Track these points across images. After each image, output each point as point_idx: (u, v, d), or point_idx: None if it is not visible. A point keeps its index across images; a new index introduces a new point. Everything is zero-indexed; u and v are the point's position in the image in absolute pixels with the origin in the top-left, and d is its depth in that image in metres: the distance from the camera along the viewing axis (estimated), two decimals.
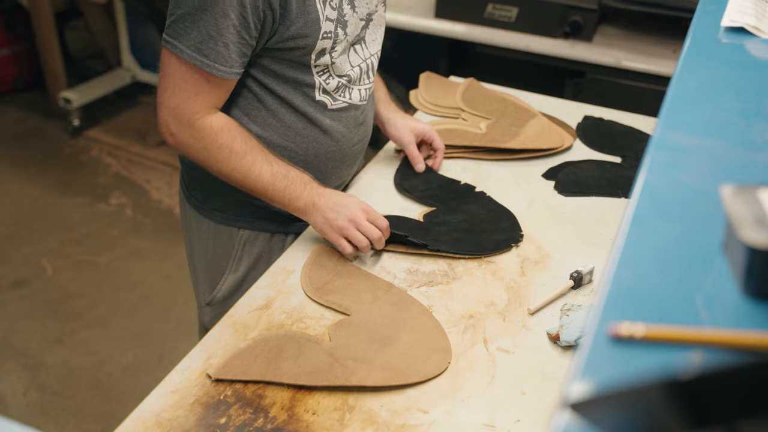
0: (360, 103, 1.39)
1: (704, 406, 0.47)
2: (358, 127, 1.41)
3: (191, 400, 1.06)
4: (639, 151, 1.63)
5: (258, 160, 1.26)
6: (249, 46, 1.20)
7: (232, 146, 1.24)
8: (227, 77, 1.21)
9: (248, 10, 1.15)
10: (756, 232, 0.56)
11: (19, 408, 2.20)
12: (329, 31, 1.24)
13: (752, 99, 0.88)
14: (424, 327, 1.19)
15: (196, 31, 1.16)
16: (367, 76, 1.39)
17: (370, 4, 1.33)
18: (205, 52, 1.17)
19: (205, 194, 1.41)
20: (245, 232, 1.41)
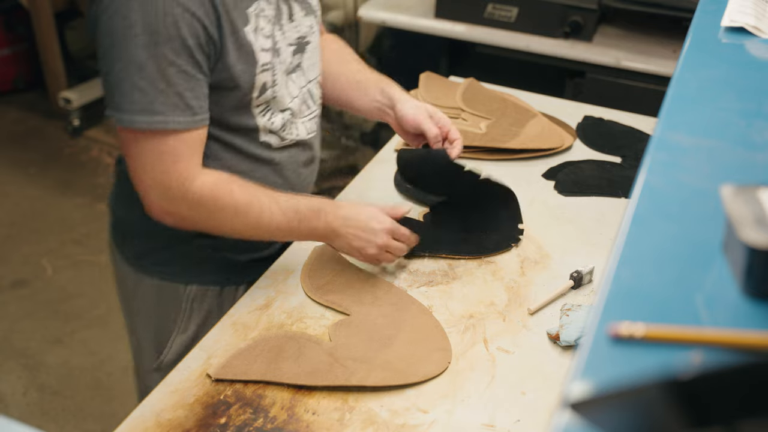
0: (308, 137, 1.29)
1: (704, 406, 0.47)
2: (306, 164, 1.31)
3: (191, 400, 1.06)
4: (639, 151, 1.63)
5: (264, 205, 1.15)
6: (206, 83, 1.09)
7: (235, 202, 1.13)
8: (194, 126, 1.09)
9: (194, 50, 1.05)
10: (756, 232, 0.56)
11: (19, 408, 2.20)
12: (267, 63, 1.15)
13: (752, 99, 0.88)
14: (424, 327, 1.19)
15: (138, 91, 1.03)
16: (307, 106, 1.28)
17: (300, 26, 1.22)
18: (159, 110, 1.04)
19: (143, 249, 1.28)
20: (193, 288, 1.28)
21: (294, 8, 1.20)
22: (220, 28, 1.07)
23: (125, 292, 1.35)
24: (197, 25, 1.04)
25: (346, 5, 2.92)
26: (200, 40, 1.05)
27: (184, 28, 1.03)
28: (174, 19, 1.02)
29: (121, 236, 1.31)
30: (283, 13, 1.18)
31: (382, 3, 2.51)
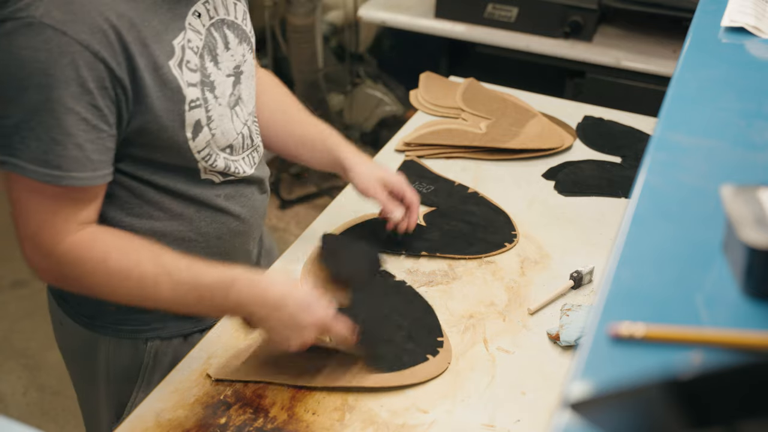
0: (252, 172, 1.17)
1: (704, 406, 0.47)
2: (254, 200, 1.20)
3: (191, 400, 1.06)
4: (639, 151, 1.63)
5: (147, 275, 0.98)
6: (111, 136, 0.96)
7: (107, 266, 0.98)
8: (92, 184, 0.96)
9: (96, 95, 0.92)
10: (756, 232, 0.56)
11: (19, 408, 2.20)
12: (197, 99, 1.02)
13: (752, 99, 0.88)
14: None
15: (35, 139, 0.91)
16: (249, 141, 1.16)
17: (235, 54, 1.10)
18: (55, 162, 0.92)
19: (95, 309, 1.15)
20: (155, 343, 1.17)
21: (228, 36, 1.09)
22: (133, 68, 0.95)
23: (77, 357, 1.24)
24: (101, 67, 0.92)
25: (346, 5, 2.92)
26: (104, 83, 0.93)
27: (83, 70, 0.90)
28: (72, 59, 0.90)
29: (65, 297, 1.19)
30: (217, 42, 1.07)
31: (382, 3, 2.51)
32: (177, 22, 1.01)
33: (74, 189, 0.95)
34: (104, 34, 0.92)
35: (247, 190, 1.18)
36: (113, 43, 0.92)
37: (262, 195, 1.22)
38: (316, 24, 2.86)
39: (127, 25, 0.94)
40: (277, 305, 1.00)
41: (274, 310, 1.00)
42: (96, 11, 0.91)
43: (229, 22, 1.10)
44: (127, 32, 0.94)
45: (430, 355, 1.12)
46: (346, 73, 2.99)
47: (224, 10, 1.09)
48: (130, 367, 1.18)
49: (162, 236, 1.08)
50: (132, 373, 1.18)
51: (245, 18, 1.15)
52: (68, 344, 1.26)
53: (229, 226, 1.15)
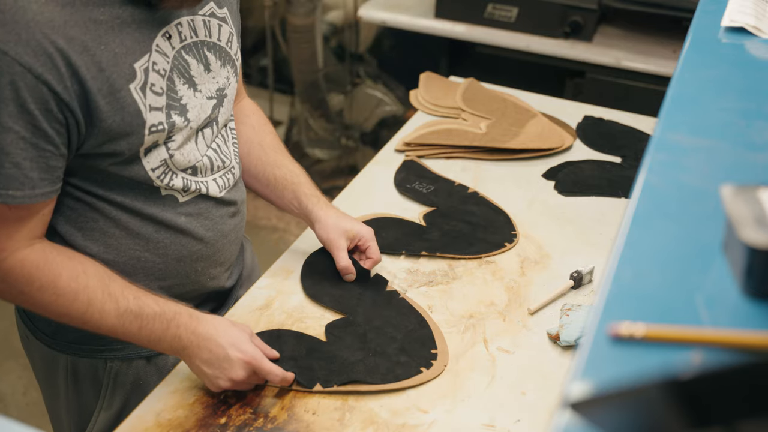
0: (221, 194, 1.13)
1: (704, 406, 0.47)
2: (223, 222, 1.15)
3: (191, 400, 1.06)
4: (639, 151, 1.63)
5: (95, 299, 0.98)
6: (57, 156, 0.94)
7: (56, 285, 0.97)
8: (31, 202, 0.94)
9: (38, 117, 0.90)
10: (756, 232, 0.56)
11: (19, 408, 2.20)
12: (159, 123, 1.00)
13: (752, 99, 0.88)
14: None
15: None
16: (220, 162, 1.13)
17: (218, 77, 1.09)
18: None
19: (56, 326, 1.13)
20: (115, 363, 1.15)
21: (209, 59, 1.07)
22: (85, 92, 0.93)
23: (40, 372, 1.24)
24: (44, 90, 0.90)
25: (346, 5, 2.92)
26: (48, 105, 0.90)
27: (24, 91, 0.89)
28: (11, 79, 0.88)
29: (29, 314, 1.19)
30: (190, 65, 1.04)
31: (382, 3, 2.51)
32: (142, 45, 0.98)
33: (14, 208, 0.94)
34: (49, 57, 0.89)
35: (215, 212, 1.13)
36: (59, 67, 0.90)
37: (233, 218, 1.17)
38: (316, 24, 2.86)
39: (78, 49, 0.91)
40: (206, 337, 1.01)
41: (204, 341, 1.01)
42: (41, 34, 0.89)
43: (210, 44, 1.07)
44: (77, 56, 0.91)
45: (423, 368, 1.11)
46: (346, 73, 2.99)
47: (205, 32, 1.07)
48: (90, 387, 1.17)
49: (118, 254, 1.07)
50: (92, 394, 1.17)
51: (230, 40, 1.12)
52: (33, 359, 1.25)
53: (190, 249, 1.11)
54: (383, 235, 1.35)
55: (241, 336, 1.03)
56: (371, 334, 1.16)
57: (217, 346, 1.01)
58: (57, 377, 1.18)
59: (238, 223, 1.19)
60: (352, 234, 1.25)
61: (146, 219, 1.07)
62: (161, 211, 1.07)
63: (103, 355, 1.14)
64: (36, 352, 1.20)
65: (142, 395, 1.10)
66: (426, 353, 1.14)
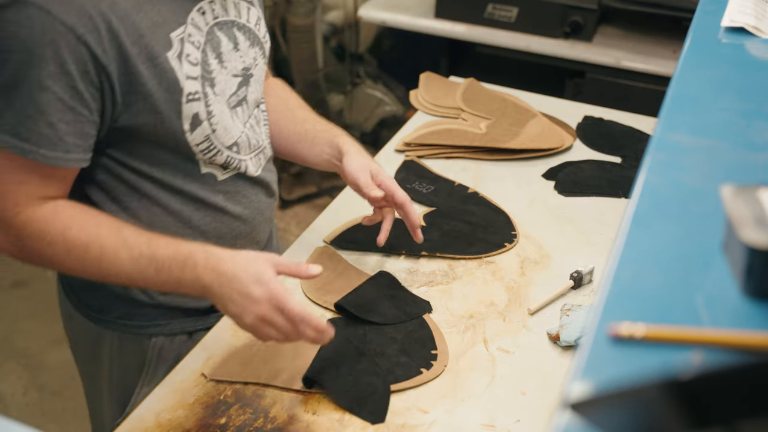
0: (256, 173, 1.17)
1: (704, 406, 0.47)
2: (259, 201, 1.19)
3: (191, 400, 1.06)
4: (639, 151, 1.63)
5: (107, 247, 0.98)
6: (91, 122, 0.97)
7: (65, 237, 0.97)
8: (60, 165, 0.96)
9: (76, 78, 0.92)
10: (756, 232, 0.56)
11: (19, 408, 2.20)
12: (195, 92, 1.02)
13: (752, 99, 0.88)
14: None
15: (10, 110, 0.92)
16: (255, 141, 1.17)
17: (245, 57, 1.11)
18: (24, 135, 0.93)
19: (101, 303, 1.17)
20: (159, 339, 1.18)
21: (238, 38, 1.10)
22: (125, 57, 0.95)
23: (84, 351, 1.25)
24: (83, 51, 0.91)
25: (346, 5, 2.92)
26: (86, 67, 0.92)
27: (64, 51, 0.90)
28: (53, 38, 0.90)
29: (75, 291, 1.21)
30: (221, 42, 1.07)
31: (382, 3, 2.52)
32: (178, 16, 1.01)
33: (41, 167, 0.96)
34: (91, 19, 0.91)
35: (251, 190, 1.17)
36: (100, 30, 0.92)
37: (268, 198, 1.22)
38: (316, 24, 2.86)
39: (120, 15, 0.94)
40: (227, 274, 0.96)
41: (225, 279, 0.96)
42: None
43: (239, 24, 1.11)
44: (119, 21, 0.94)
45: (423, 369, 1.11)
46: (346, 73, 2.99)
47: (235, 12, 1.10)
48: (134, 363, 1.19)
49: None
50: (136, 369, 1.19)
51: (258, 23, 1.15)
52: (75, 337, 1.26)
53: (229, 226, 1.15)
54: None
55: (265, 271, 0.97)
56: (371, 334, 1.16)
57: (239, 283, 0.96)
58: (101, 354, 1.20)
59: (271, 203, 1.24)
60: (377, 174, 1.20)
61: (186, 198, 1.10)
62: (200, 189, 1.10)
63: (148, 331, 1.17)
64: (80, 329, 1.22)
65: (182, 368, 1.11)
66: (426, 354, 1.14)
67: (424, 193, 1.50)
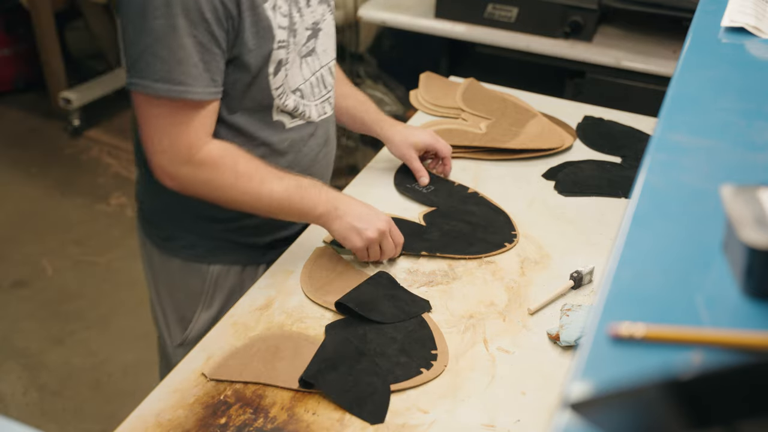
0: (319, 119, 1.33)
1: (704, 406, 0.47)
2: (320, 146, 1.36)
3: (191, 400, 1.06)
4: (639, 151, 1.63)
5: (266, 177, 1.19)
6: (222, 60, 1.14)
7: (236, 169, 1.17)
8: (209, 98, 1.14)
9: (212, 23, 1.09)
10: (756, 232, 0.56)
11: (19, 408, 2.20)
12: (283, 40, 1.18)
13: (752, 99, 0.88)
14: None
15: (159, 60, 1.08)
16: (320, 89, 1.32)
17: (315, 12, 1.26)
18: (178, 79, 1.09)
19: (170, 232, 1.34)
20: (216, 268, 1.34)
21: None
22: (239, 4, 1.11)
23: (152, 272, 1.41)
24: (216, 1, 1.09)
25: (346, 5, 2.92)
26: (218, 14, 1.09)
27: (201, 1, 1.07)
28: None
29: (148, 221, 1.38)
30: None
31: (382, 3, 2.51)
32: None
33: (197, 103, 1.13)
34: None
35: (312, 140, 1.33)
36: None
37: (325, 147, 1.37)
38: None
39: None
40: (352, 201, 1.27)
41: (353, 202, 1.26)
42: None
43: None
44: None
45: (423, 369, 1.11)
46: (346, 73, 2.99)
47: None
48: (195, 289, 1.35)
49: None
50: (196, 295, 1.35)
51: None
52: (147, 263, 1.42)
53: (292, 170, 1.28)
54: None
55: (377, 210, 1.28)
56: (371, 334, 1.16)
57: (365, 206, 1.27)
58: (168, 278, 1.38)
59: (326, 154, 1.39)
60: (418, 144, 1.50)
61: (258, 143, 1.25)
62: (271, 134, 1.26)
63: (208, 259, 1.34)
64: (150, 256, 1.39)
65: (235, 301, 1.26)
66: (426, 354, 1.14)
67: (424, 193, 1.50)
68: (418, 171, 1.50)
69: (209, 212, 1.28)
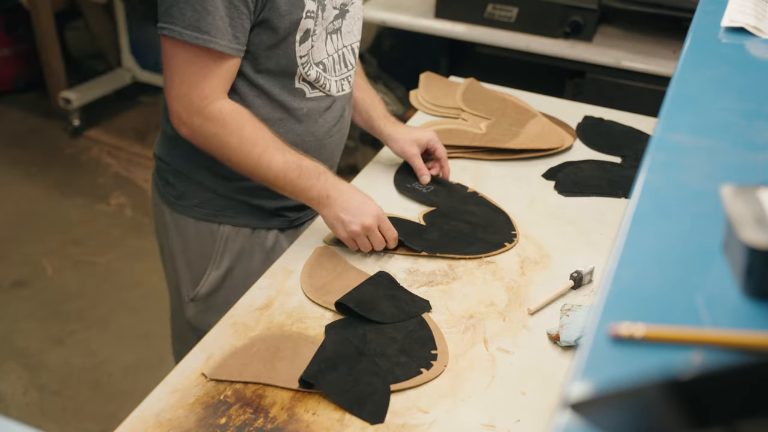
0: (337, 94, 1.38)
1: (704, 406, 0.47)
2: (335, 120, 1.40)
3: (191, 400, 1.06)
4: (639, 151, 1.63)
5: (269, 147, 1.24)
6: (248, 19, 1.18)
7: (242, 132, 1.22)
8: (231, 53, 1.19)
9: None
10: (756, 232, 0.56)
11: (19, 408, 2.20)
12: (312, 11, 1.23)
13: (752, 99, 0.88)
14: None
15: (191, 9, 1.14)
16: (340, 66, 1.37)
17: None
18: (205, 29, 1.15)
19: (183, 190, 1.39)
20: (226, 228, 1.39)
21: None
22: None
23: (165, 231, 1.45)
24: None
25: None
26: None
27: None
28: None
29: (164, 179, 1.41)
30: None
31: (382, 3, 2.51)
32: None
33: (219, 55, 1.18)
34: None
35: (328, 113, 1.37)
36: None
37: (340, 123, 1.42)
38: None
39: None
40: (346, 191, 1.29)
41: (345, 194, 1.28)
42: None
43: None
44: None
45: (423, 369, 1.11)
46: None
47: None
48: (205, 247, 1.40)
49: None
50: (206, 253, 1.40)
51: None
52: (158, 223, 1.47)
53: (304, 139, 1.35)
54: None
55: (371, 199, 1.30)
56: (371, 334, 1.16)
57: (355, 198, 1.29)
58: (180, 236, 1.42)
59: (340, 129, 1.43)
60: (421, 141, 1.52)
61: (277, 105, 1.30)
62: (291, 100, 1.31)
63: (218, 219, 1.39)
64: (165, 214, 1.43)
65: (244, 265, 1.39)
66: (426, 354, 1.14)
67: (423, 193, 1.50)
68: (420, 169, 1.52)
69: (220, 170, 1.32)
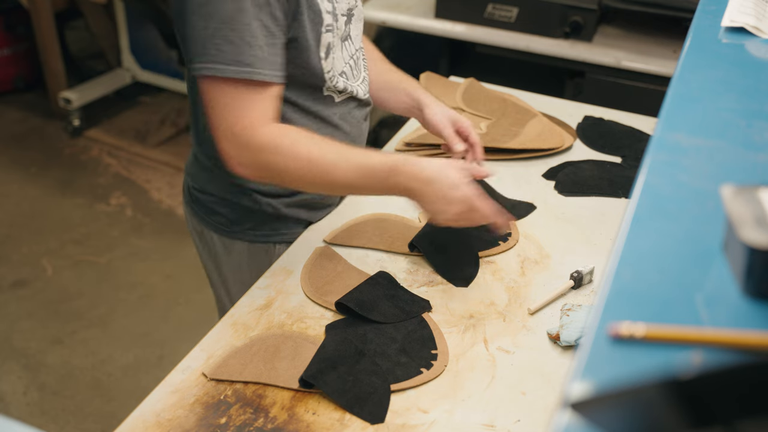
0: (363, 97, 1.37)
1: (704, 406, 0.47)
2: (361, 122, 1.39)
3: (191, 400, 1.06)
4: (639, 151, 1.63)
5: (329, 156, 1.16)
6: (282, 44, 1.16)
7: (297, 151, 1.15)
8: (275, 80, 1.15)
9: (275, 8, 1.12)
10: (756, 232, 0.56)
11: (19, 408, 2.20)
12: (330, 24, 1.23)
13: (752, 99, 0.88)
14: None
15: (229, 45, 1.10)
16: (358, 71, 1.36)
17: None
18: (247, 61, 1.11)
19: (234, 218, 1.36)
20: (281, 247, 1.38)
21: None
22: None
23: (214, 259, 1.44)
24: None
25: None
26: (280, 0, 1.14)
27: None
28: None
29: (208, 209, 1.38)
30: None
31: (382, 3, 2.51)
32: None
33: (261, 85, 1.14)
34: None
35: (357, 112, 1.37)
36: None
37: (366, 121, 1.42)
38: None
39: None
40: (429, 181, 1.15)
41: (427, 185, 1.15)
42: None
43: None
44: None
45: (423, 369, 1.11)
46: None
47: None
48: (261, 268, 1.35)
49: None
50: (260, 270, 1.35)
51: None
52: (204, 249, 1.45)
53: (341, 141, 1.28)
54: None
55: (459, 179, 1.16)
56: (371, 334, 1.16)
57: (438, 189, 1.15)
58: (233, 260, 1.41)
59: (367, 127, 1.43)
60: (455, 120, 1.42)
61: (311, 115, 1.29)
62: (322, 108, 1.30)
63: (273, 239, 1.38)
64: (212, 242, 1.41)
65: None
66: (426, 354, 1.14)
67: None
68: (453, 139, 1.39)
69: (268, 188, 1.32)
